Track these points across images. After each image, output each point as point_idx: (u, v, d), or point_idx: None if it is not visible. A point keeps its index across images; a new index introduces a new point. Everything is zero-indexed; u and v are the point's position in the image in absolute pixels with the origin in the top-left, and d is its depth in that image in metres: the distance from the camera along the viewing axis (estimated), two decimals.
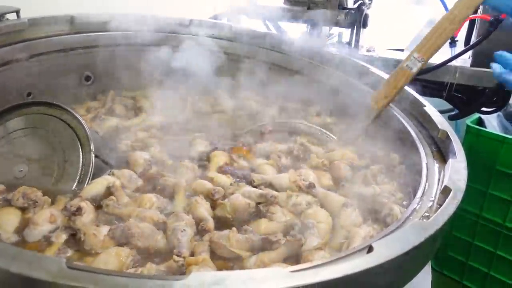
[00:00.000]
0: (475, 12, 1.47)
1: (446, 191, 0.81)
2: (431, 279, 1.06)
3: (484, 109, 1.64)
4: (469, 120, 2.30)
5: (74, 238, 0.82)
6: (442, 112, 1.79)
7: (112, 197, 0.90)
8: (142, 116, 1.32)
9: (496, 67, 1.03)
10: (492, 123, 2.28)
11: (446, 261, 2.50)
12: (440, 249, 2.54)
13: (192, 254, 0.80)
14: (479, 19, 1.42)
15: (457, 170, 0.87)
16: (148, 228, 0.82)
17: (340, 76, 1.31)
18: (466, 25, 1.58)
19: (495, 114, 1.86)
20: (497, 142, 2.14)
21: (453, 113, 1.63)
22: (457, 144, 0.97)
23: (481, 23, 1.42)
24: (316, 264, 0.62)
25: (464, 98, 1.55)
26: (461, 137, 2.43)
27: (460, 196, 0.78)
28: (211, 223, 0.87)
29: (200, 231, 0.86)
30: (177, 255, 0.77)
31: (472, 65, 1.48)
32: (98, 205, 0.91)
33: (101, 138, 1.12)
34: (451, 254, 2.47)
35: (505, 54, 1.01)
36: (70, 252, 0.80)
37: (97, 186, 0.93)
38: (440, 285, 2.50)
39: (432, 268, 2.60)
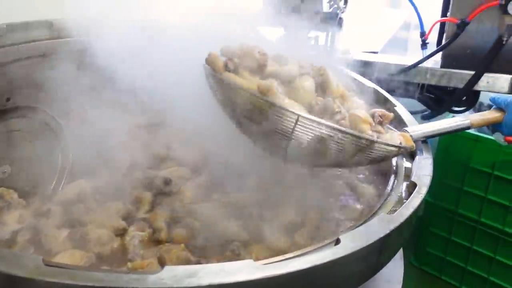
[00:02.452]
0: (444, 15, 1.53)
1: (412, 186, 0.85)
2: (403, 272, 1.09)
3: (454, 108, 1.69)
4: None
5: (36, 238, 0.87)
6: (417, 112, 1.87)
7: (81, 204, 0.94)
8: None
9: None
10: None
11: (425, 257, 2.57)
12: (419, 246, 2.61)
13: None
14: (448, 22, 1.47)
15: (423, 167, 0.91)
16: (106, 235, 0.86)
17: None
18: (437, 28, 1.64)
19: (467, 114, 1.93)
20: (471, 141, 2.22)
21: (426, 113, 1.69)
22: (424, 142, 1.01)
23: (449, 26, 1.48)
24: (286, 257, 0.65)
25: (435, 98, 1.61)
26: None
27: (424, 191, 0.82)
28: (164, 234, 0.90)
29: (155, 240, 0.89)
30: (131, 261, 0.81)
31: (442, 66, 1.54)
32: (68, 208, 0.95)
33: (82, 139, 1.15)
34: (429, 251, 2.53)
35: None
36: (31, 252, 0.83)
37: (70, 191, 0.97)
38: (420, 281, 2.57)
39: (412, 265, 2.68)
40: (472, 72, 1.48)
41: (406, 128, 1.01)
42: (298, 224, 0.93)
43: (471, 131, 2.28)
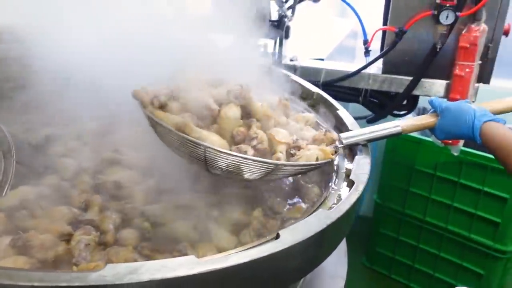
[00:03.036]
0: (385, 24, 1.62)
1: (350, 184, 0.90)
2: (347, 268, 1.14)
3: (396, 112, 1.79)
4: None
5: None
6: (362, 118, 1.95)
7: (24, 211, 0.92)
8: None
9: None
10: None
11: (375, 257, 2.67)
12: (369, 247, 2.71)
13: None
14: (387, 31, 1.56)
15: (361, 166, 0.96)
16: (49, 240, 0.84)
17: None
18: (379, 36, 1.73)
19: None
20: (415, 144, 2.34)
21: (370, 117, 1.77)
22: (364, 145, 1.06)
23: (389, 34, 1.57)
24: (227, 254, 0.68)
25: (378, 102, 1.69)
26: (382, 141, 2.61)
27: (361, 188, 0.88)
28: (110, 237, 0.90)
29: (103, 243, 0.89)
30: (76, 265, 0.80)
31: (383, 72, 1.62)
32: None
33: (29, 146, 1.13)
34: (379, 251, 2.63)
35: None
36: None
37: (13, 198, 0.95)
38: (371, 281, 2.66)
39: (364, 265, 2.77)
40: (411, 78, 1.57)
41: (341, 135, 1.05)
42: (244, 223, 0.96)
43: (415, 134, 2.41)
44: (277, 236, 0.70)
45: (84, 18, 1.34)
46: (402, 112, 1.76)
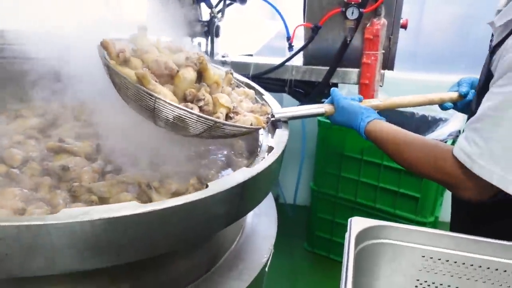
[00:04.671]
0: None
1: (270, 149, 1.06)
2: (276, 230, 1.30)
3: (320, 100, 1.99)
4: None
5: None
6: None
7: None
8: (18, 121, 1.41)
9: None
10: None
11: (315, 241, 2.87)
12: (309, 232, 2.91)
13: None
14: (305, 27, 1.76)
15: (280, 136, 1.13)
16: (5, 214, 0.91)
17: None
18: (302, 30, 1.93)
19: None
20: (343, 132, 2.56)
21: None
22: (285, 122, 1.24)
23: (306, 30, 1.77)
24: (165, 200, 0.81)
25: (302, 91, 1.89)
26: (308, 126, 2.82)
27: (279, 152, 1.04)
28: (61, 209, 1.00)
29: None
30: None
31: (304, 64, 1.82)
32: None
33: None
34: (318, 234, 2.83)
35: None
36: None
37: None
38: (312, 263, 2.85)
39: (305, 250, 2.95)
40: (327, 68, 1.78)
41: (274, 110, 1.23)
42: (183, 192, 1.10)
43: None
44: (207, 186, 0.85)
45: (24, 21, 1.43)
46: (323, 100, 1.97)
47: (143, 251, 0.77)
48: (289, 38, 1.88)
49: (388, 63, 1.74)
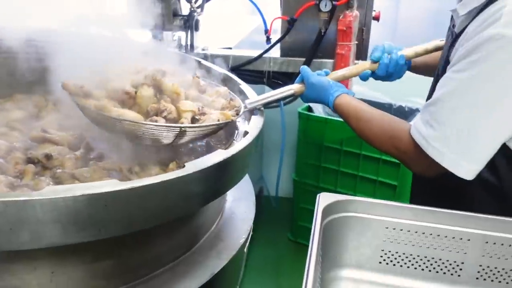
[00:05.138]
0: None
1: (246, 134, 1.12)
2: (254, 213, 1.36)
3: None
4: (300, 108, 2.77)
5: None
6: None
7: None
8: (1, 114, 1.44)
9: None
10: (318, 109, 2.79)
11: (298, 231, 2.93)
12: (293, 222, 2.97)
13: None
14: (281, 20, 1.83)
15: (255, 122, 1.19)
16: None
17: None
18: (280, 23, 1.99)
19: None
20: (323, 123, 2.63)
21: None
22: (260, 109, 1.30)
23: (283, 23, 1.83)
24: (144, 178, 0.86)
25: (281, 82, 1.95)
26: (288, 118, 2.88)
27: (253, 135, 1.10)
28: None
29: None
30: None
31: (281, 56, 1.89)
32: None
33: None
34: (301, 224, 2.90)
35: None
36: None
37: None
38: (297, 253, 2.91)
39: (289, 240, 3.02)
40: (304, 59, 1.85)
41: (246, 100, 1.29)
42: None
43: (322, 114, 2.71)
44: (183, 166, 0.90)
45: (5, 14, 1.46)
46: None
47: (123, 227, 0.82)
48: (266, 31, 1.94)
49: (362, 54, 1.81)
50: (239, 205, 1.36)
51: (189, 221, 1.11)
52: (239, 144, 1.03)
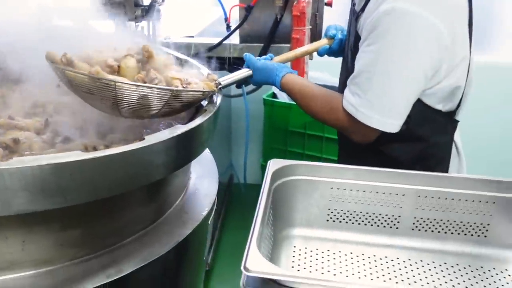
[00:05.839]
0: None
1: (204, 111, 1.20)
2: (217, 189, 1.44)
3: None
4: (265, 95, 2.86)
5: None
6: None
7: None
8: None
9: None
10: (282, 95, 2.89)
11: None
12: None
13: None
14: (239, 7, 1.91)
15: (213, 103, 1.27)
16: None
17: None
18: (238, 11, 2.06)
19: None
20: (287, 109, 2.73)
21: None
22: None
23: (241, 10, 1.92)
24: (106, 149, 0.93)
25: (241, 68, 2.03)
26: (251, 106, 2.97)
27: (210, 114, 1.18)
28: None
29: None
30: None
31: (240, 42, 1.97)
32: None
33: None
34: None
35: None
36: None
37: None
38: None
39: None
40: (262, 45, 1.94)
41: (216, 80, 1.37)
42: None
43: (286, 100, 2.81)
44: (143, 139, 0.98)
45: None
46: None
47: (87, 194, 0.89)
48: (226, 19, 2.01)
49: (316, 37, 1.91)
50: (202, 182, 1.44)
51: (154, 195, 1.18)
52: (196, 120, 1.11)
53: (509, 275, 0.99)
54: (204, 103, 1.38)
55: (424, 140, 1.26)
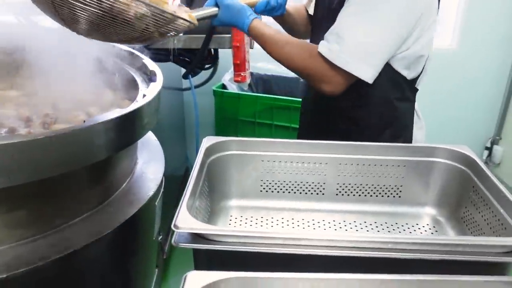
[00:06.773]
0: None
1: (143, 96, 1.27)
2: (163, 172, 1.52)
3: (205, 65, 2.23)
4: (214, 86, 2.94)
5: None
6: None
7: None
8: None
9: None
10: (232, 86, 2.98)
11: None
12: None
13: None
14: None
15: (154, 86, 1.34)
16: None
17: None
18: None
19: None
20: (236, 99, 2.83)
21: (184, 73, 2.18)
22: (158, 76, 1.45)
23: (182, 1, 1.98)
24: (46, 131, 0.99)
25: (186, 59, 2.10)
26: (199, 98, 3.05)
27: (149, 98, 1.25)
28: None
29: None
30: None
31: (184, 33, 2.04)
32: None
33: None
34: None
35: None
36: None
37: None
38: None
39: None
40: (204, 35, 2.01)
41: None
42: None
43: (235, 91, 2.90)
44: (84, 122, 1.04)
45: None
46: (207, 66, 2.21)
47: (30, 174, 0.95)
48: None
49: None
50: (149, 166, 1.51)
51: (99, 177, 1.25)
52: (135, 104, 1.19)
53: (419, 229, 1.12)
54: (144, 88, 1.45)
55: (390, 103, 1.37)
